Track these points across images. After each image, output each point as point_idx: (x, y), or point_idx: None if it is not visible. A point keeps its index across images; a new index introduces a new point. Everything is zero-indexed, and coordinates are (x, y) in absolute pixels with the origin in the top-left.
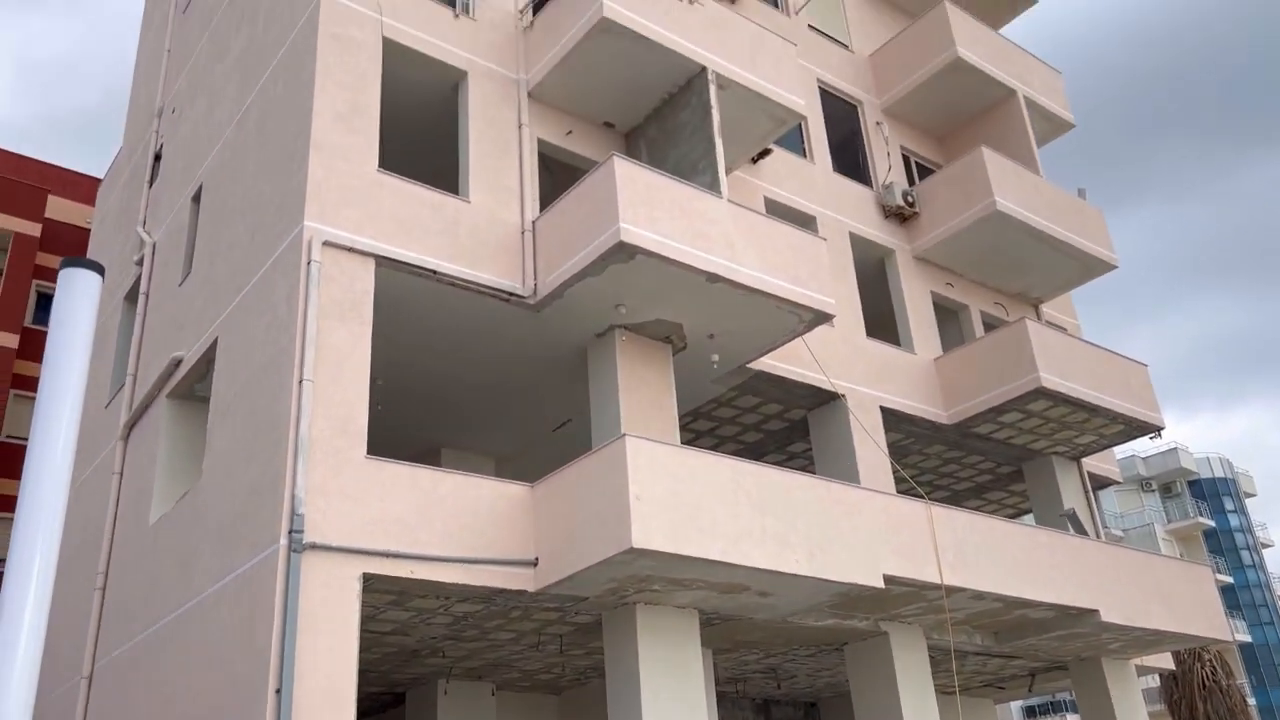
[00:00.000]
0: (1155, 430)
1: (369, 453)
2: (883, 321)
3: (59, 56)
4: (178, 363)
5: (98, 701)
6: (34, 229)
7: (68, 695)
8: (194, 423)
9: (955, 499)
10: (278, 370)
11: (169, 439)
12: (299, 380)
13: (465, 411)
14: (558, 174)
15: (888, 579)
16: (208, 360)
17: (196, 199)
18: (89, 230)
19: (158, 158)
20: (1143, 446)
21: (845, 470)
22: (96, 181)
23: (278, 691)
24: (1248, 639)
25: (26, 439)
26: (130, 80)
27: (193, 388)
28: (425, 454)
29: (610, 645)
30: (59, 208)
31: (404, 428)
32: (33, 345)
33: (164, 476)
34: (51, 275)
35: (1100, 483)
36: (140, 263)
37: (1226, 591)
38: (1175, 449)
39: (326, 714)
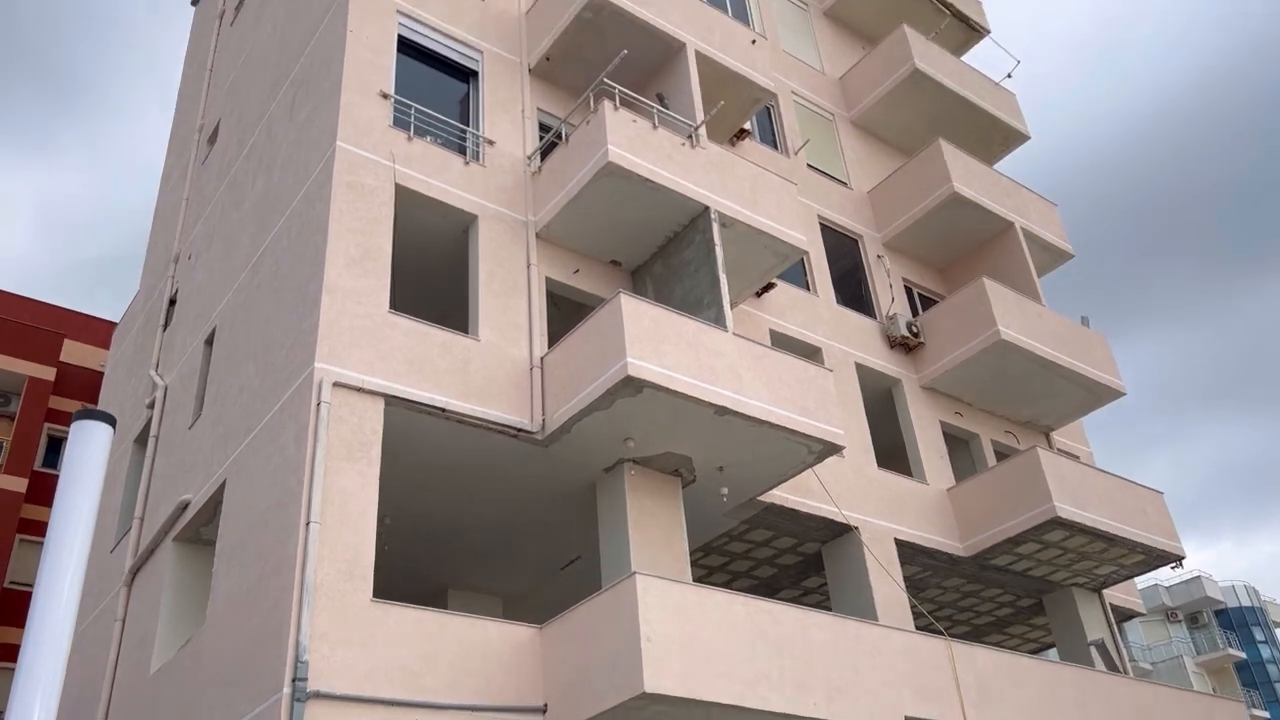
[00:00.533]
0: (1176, 560)
1: (375, 595)
2: (893, 452)
3: (80, 206)
4: (185, 506)
5: None
6: (48, 373)
7: None
8: (199, 567)
9: (976, 634)
10: (285, 512)
11: (173, 584)
12: (306, 522)
13: (473, 550)
14: (566, 311)
15: None
16: (215, 503)
17: (209, 342)
18: (102, 373)
19: (173, 302)
20: (1165, 576)
21: (862, 605)
22: (112, 325)
23: None
24: (1265, 714)
25: (31, 585)
26: (149, 228)
27: (199, 531)
28: (432, 594)
29: None
30: (74, 351)
31: (410, 568)
32: (41, 489)
33: (167, 623)
34: (63, 418)
35: (1124, 614)
36: (151, 406)
37: (1240, 668)
38: (1199, 577)
39: None
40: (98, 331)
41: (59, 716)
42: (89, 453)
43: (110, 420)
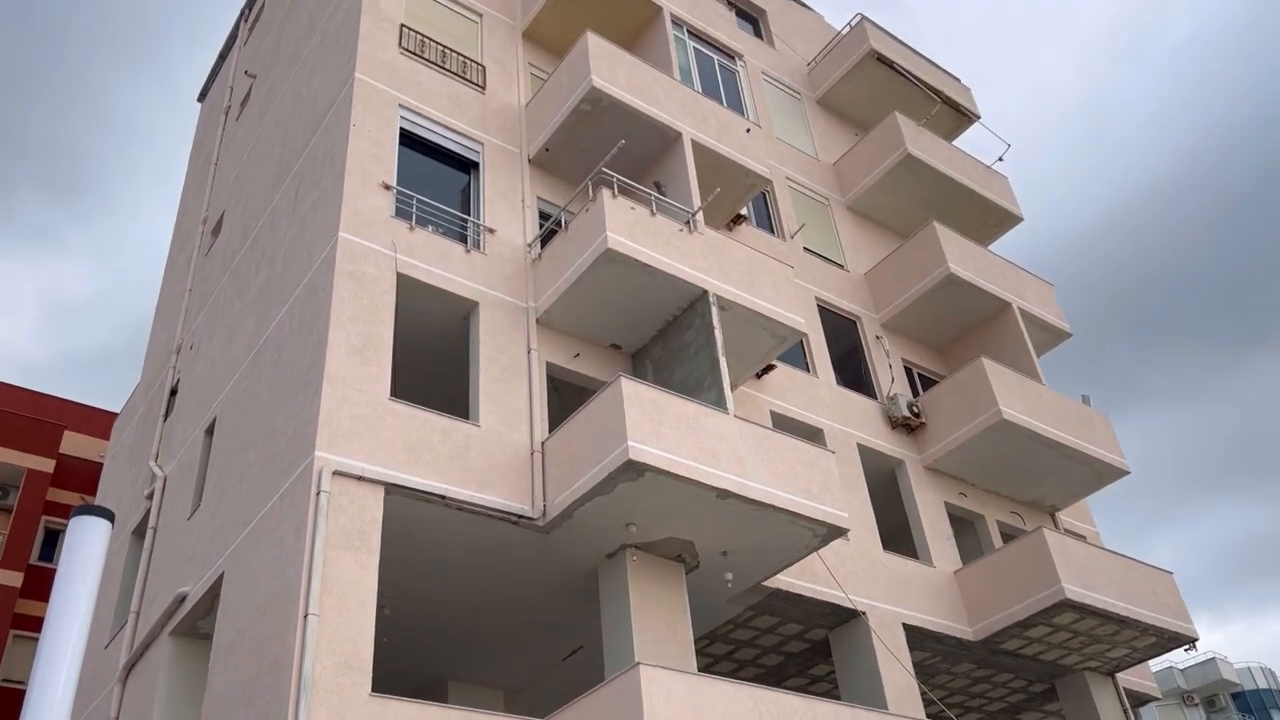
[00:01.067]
0: (1189, 641)
1: (374, 688)
2: (898, 534)
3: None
4: (182, 599)
5: None
6: (47, 465)
7: None
8: (195, 661)
9: None
10: (283, 604)
11: (169, 680)
12: (304, 615)
13: (473, 641)
14: (566, 395)
15: None
16: (213, 595)
17: (210, 432)
18: (102, 464)
19: (174, 392)
20: (1180, 658)
21: (871, 693)
22: (112, 416)
23: None
24: None
25: (25, 682)
26: (151, 319)
27: (196, 625)
28: (431, 687)
29: None
30: (74, 442)
31: (409, 659)
32: (37, 583)
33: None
34: (62, 510)
35: (1139, 699)
36: (150, 496)
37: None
38: (1214, 659)
39: None
40: (98, 422)
41: None
42: (86, 548)
43: (109, 515)
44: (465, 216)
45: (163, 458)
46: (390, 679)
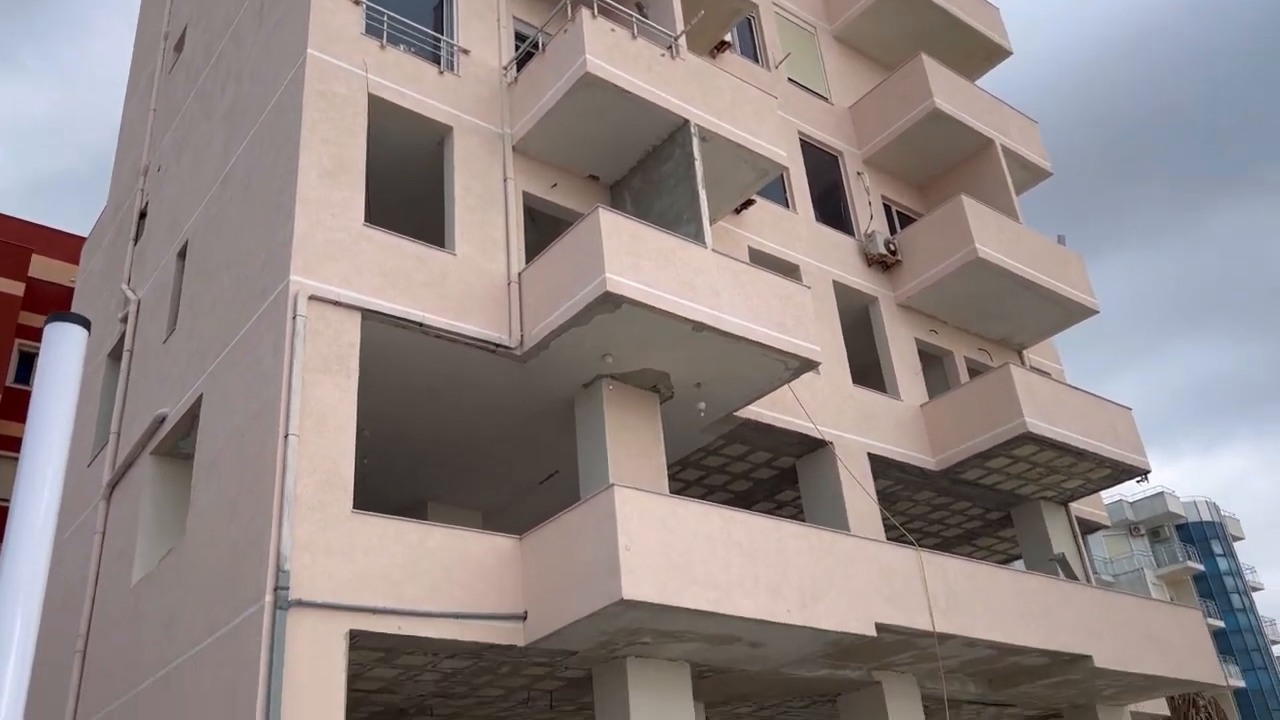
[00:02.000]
0: (1142, 474)
1: (355, 507)
2: (868, 369)
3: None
4: (161, 420)
5: None
6: (17, 288)
7: None
8: (177, 480)
9: (945, 545)
10: (263, 425)
11: (152, 497)
12: (284, 435)
13: (451, 464)
14: (543, 226)
15: (880, 627)
16: (192, 416)
17: (182, 255)
18: (72, 289)
19: (143, 215)
20: (1130, 491)
21: (834, 518)
22: (80, 240)
23: None
24: (1241, 684)
25: (7, 500)
26: (115, 141)
27: (176, 445)
28: (411, 507)
29: (601, 700)
30: (42, 266)
31: (389, 481)
32: (14, 405)
33: (146, 536)
34: (34, 334)
35: (1089, 527)
36: (124, 320)
37: (1219, 636)
38: (1162, 493)
39: None
40: (66, 247)
41: (41, 628)
42: (64, 355)
43: (85, 323)
44: (439, 36)
45: (135, 281)
46: (371, 499)
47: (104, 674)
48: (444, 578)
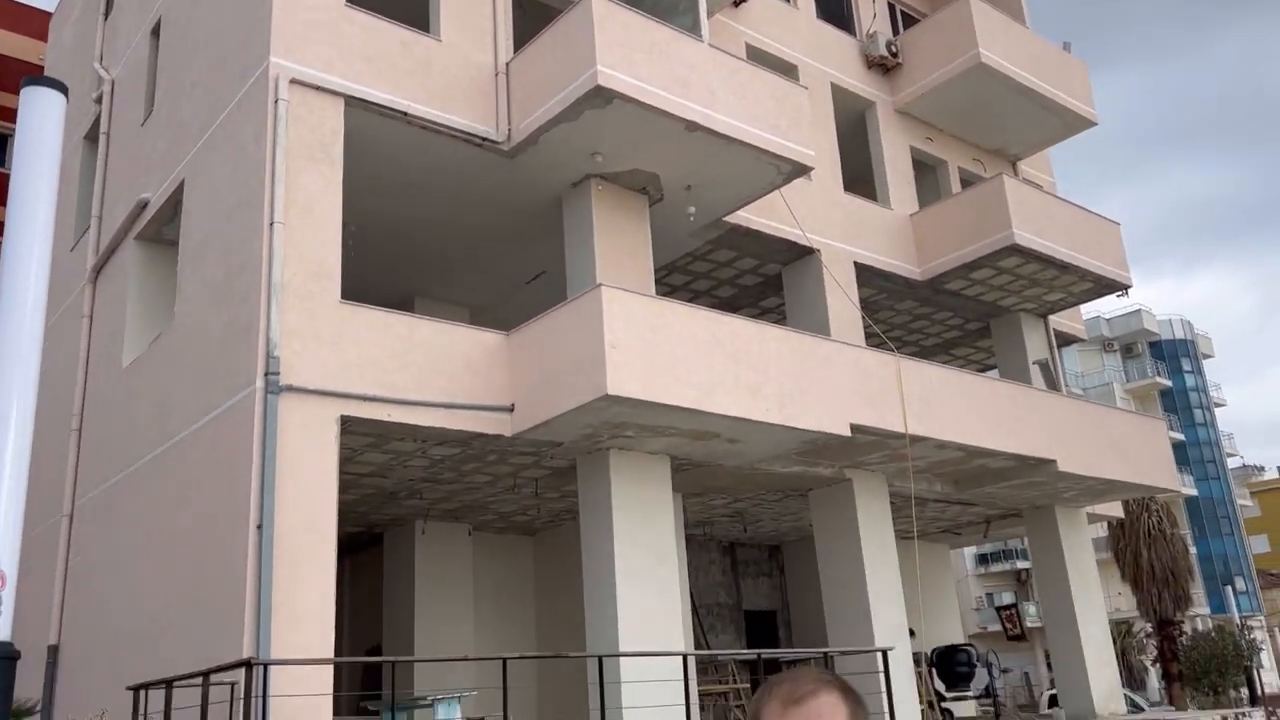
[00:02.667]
0: (1123, 289)
1: (342, 298)
2: (860, 177)
3: None
4: (144, 205)
5: (80, 538)
6: None
7: (49, 533)
8: (163, 266)
9: (924, 354)
10: (248, 213)
11: (138, 283)
12: (269, 223)
13: (438, 260)
14: (532, 14)
15: (855, 428)
16: (175, 203)
17: (155, 33)
18: (41, 67)
19: None
20: (1108, 307)
21: (817, 325)
22: (47, 15)
23: (259, 527)
24: (1194, 492)
25: None
26: None
27: (160, 231)
28: (398, 303)
29: (584, 489)
30: (7, 42)
31: (376, 276)
32: None
33: (135, 320)
34: (4, 114)
35: (1065, 340)
36: (99, 100)
37: (1178, 448)
38: (1139, 310)
39: (308, 550)
40: (31, 21)
41: (37, 408)
42: (44, 120)
43: (62, 88)
44: None
45: (108, 60)
46: (358, 293)
47: (100, 453)
48: (432, 369)
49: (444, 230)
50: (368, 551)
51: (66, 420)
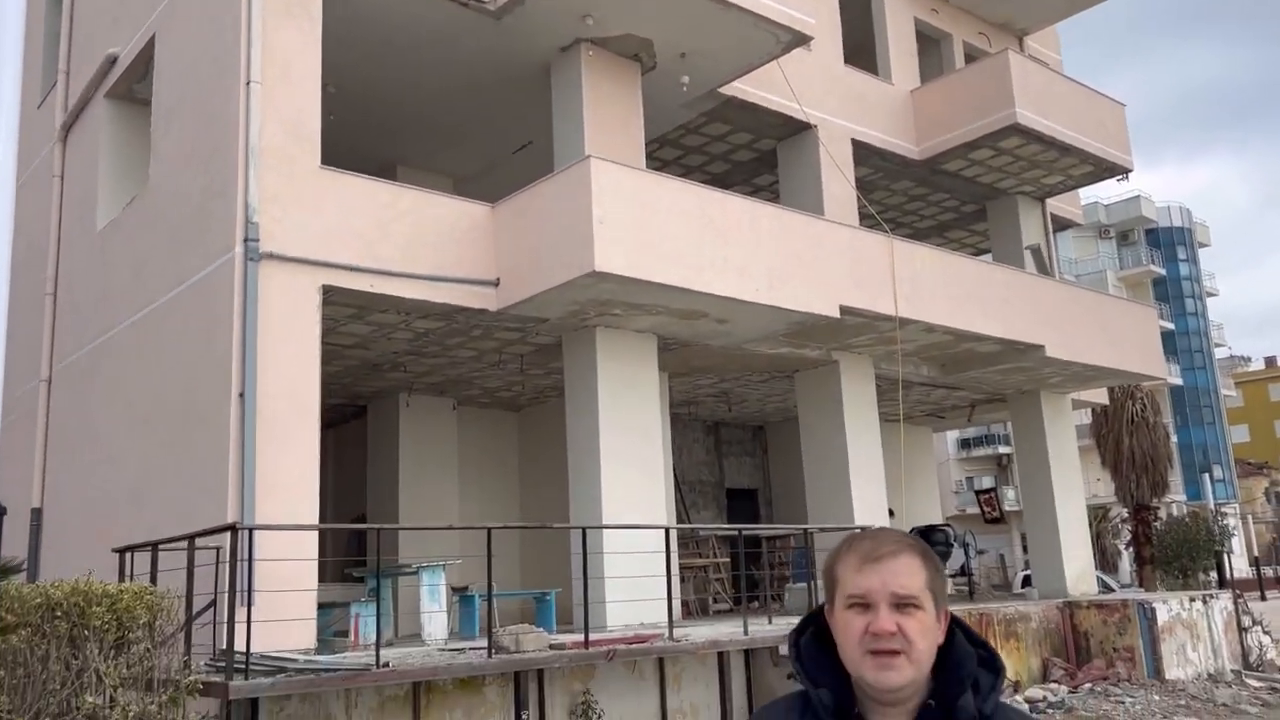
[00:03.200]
0: (1124, 172)
1: (322, 164)
2: (862, 49)
3: None
4: (112, 60)
5: (58, 404)
6: None
7: (28, 398)
8: (136, 125)
9: (917, 236)
10: (223, 71)
11: (110, 142)
12: (246, 82)
13: (422, 127)
14: None
15: (844, 309)
16: (145, 59)
17: None
18: None
19: None
20: (1107, 193)
21: (811, 204)
22: None
23: (241, 395)
24: (1179, 382)
25: None
26: None
27: (131, 89)
28: (380, 171)
29: (570, 365)
30: None
31: (357, 141)
32: None
33: (108, 181)
34: None
35: (1061, 224)
36: None
37: (1167, 337)
38: (1138, 196)
39: (291, 419)
40: None
41: (10, 270)
42: None
43: None
44: None
45: None
46: (338, 160)
47: (76, 318)
48: (416, 240)
49: (427, 96)
50: (351, 424)
51: (41, 283)
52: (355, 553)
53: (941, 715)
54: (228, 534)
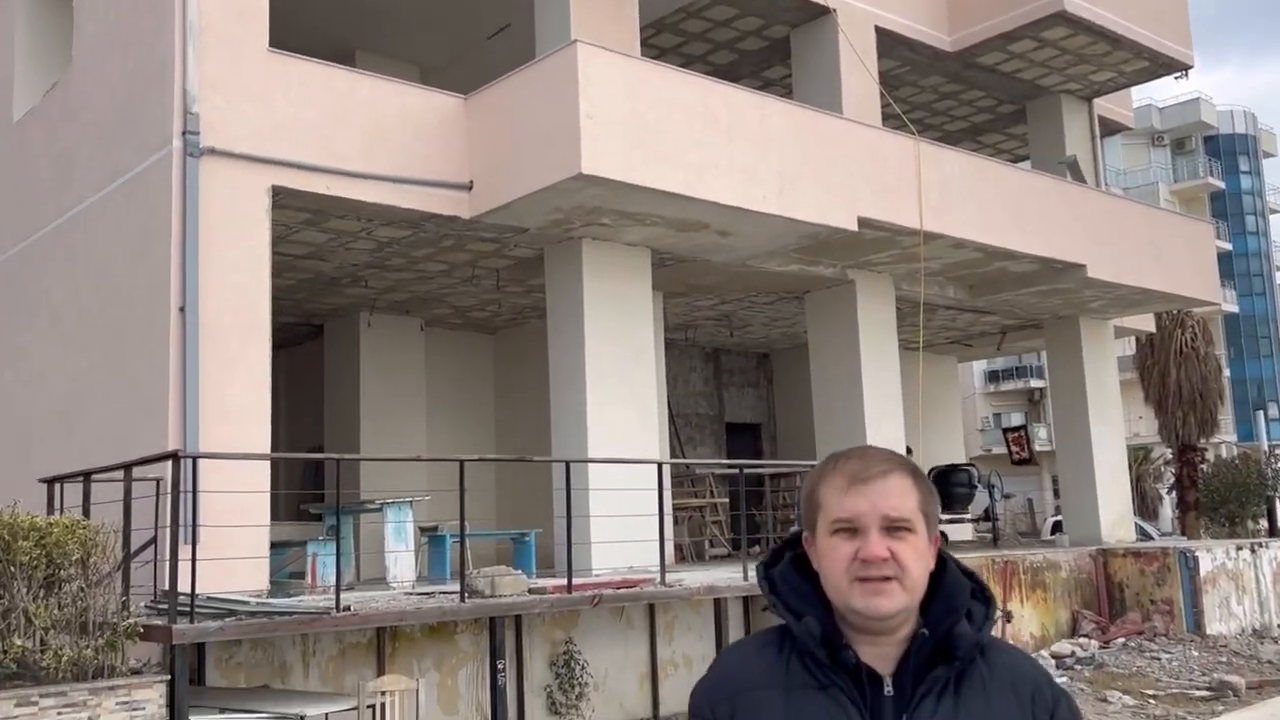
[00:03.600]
0: (1183, 69)
1: (271, 47)
2: None
3: None
4: None
5: None
6: None
7: None
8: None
9: (948, 139)
10: None
11: (27, 18)
12: None
13: (384, 6)
14: None
15: (862, 221)
16: None
17: None
18: None
19: None
20: (1161, 94)
21: (828, 101)
22: None
23: (181, 309)
24: (1234, 309)
25: None
26: None
27: None
28: (336, 59)
29: (552, 282)
30: None
31: (311, 23)
32: None
33: (25, 64)
34: None
35: (1110, 128)
36: None
37: (1222, 259)
38: (1197, 99)
39: (238, 338)
40: None
41: None
42: None
43: None
44: None
45: None
46: (289, 44)
47: None
48: (378, 135)
49: None
50: (306, 345)
51: None
52: (312, 488)
53: (936, 644)
54: (169, 463)
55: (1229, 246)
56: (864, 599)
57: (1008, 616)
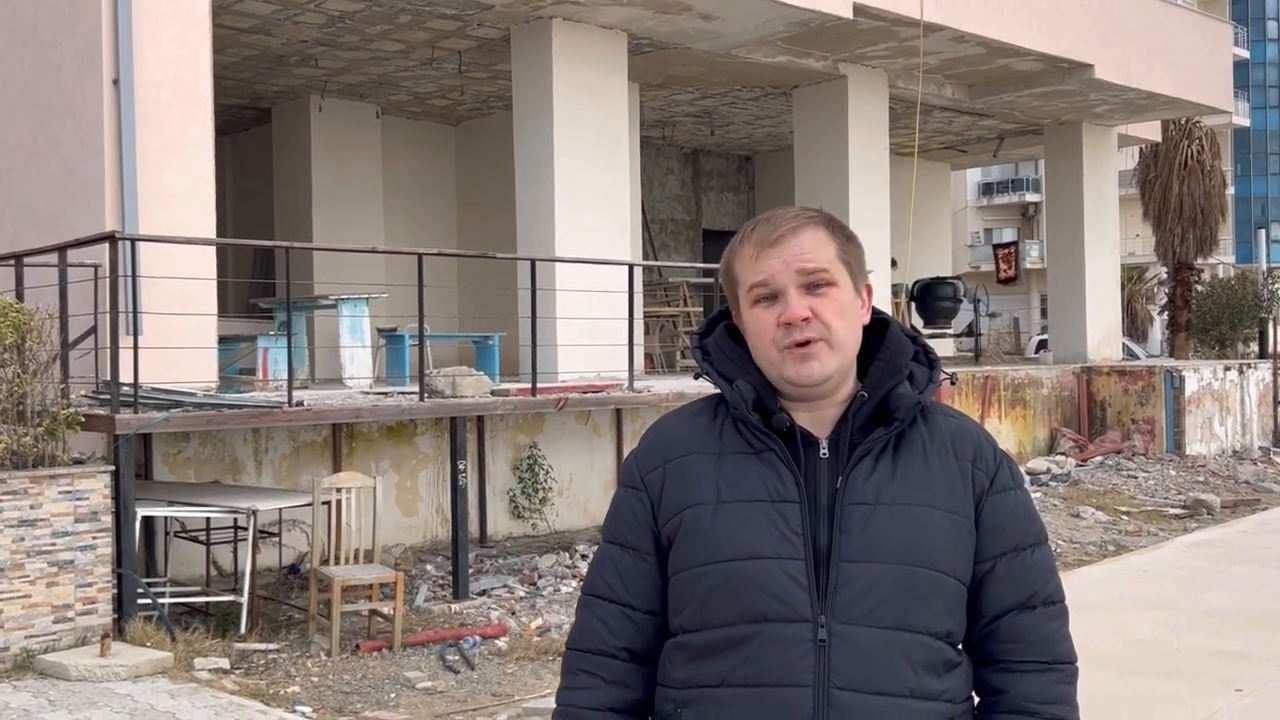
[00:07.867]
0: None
1: None
2: None
3: None
4: None
5: None
6: None
7: None
8: None
9: None
10: None
11: None
12: None
13: None
14: None
15: (857, 8)
16: None
17: None
18: None
19: None
20: None
21: None
22: None
23: (115, 82)
24: (1246, 122)
25: None
26: None
27: None
28: None
29: (519, 67)
30: None
31: None
32: None
33: None
34: None
35: None
36: None
37: (1238, 68)
38: None
39: (178, 115)
40: None
41: None
42: None
43: None
44: None
45: None
46: None
47: None
48: None
49: None
50: (253, 131)
51: None
52: (262, 279)
53: (876, 407)
54: (106, 246)
55: (1246, 54)
56: (794, 366)
57: (952, 379)
